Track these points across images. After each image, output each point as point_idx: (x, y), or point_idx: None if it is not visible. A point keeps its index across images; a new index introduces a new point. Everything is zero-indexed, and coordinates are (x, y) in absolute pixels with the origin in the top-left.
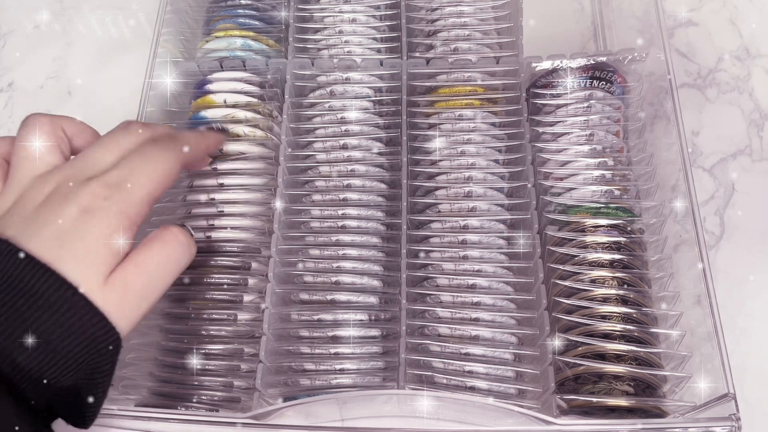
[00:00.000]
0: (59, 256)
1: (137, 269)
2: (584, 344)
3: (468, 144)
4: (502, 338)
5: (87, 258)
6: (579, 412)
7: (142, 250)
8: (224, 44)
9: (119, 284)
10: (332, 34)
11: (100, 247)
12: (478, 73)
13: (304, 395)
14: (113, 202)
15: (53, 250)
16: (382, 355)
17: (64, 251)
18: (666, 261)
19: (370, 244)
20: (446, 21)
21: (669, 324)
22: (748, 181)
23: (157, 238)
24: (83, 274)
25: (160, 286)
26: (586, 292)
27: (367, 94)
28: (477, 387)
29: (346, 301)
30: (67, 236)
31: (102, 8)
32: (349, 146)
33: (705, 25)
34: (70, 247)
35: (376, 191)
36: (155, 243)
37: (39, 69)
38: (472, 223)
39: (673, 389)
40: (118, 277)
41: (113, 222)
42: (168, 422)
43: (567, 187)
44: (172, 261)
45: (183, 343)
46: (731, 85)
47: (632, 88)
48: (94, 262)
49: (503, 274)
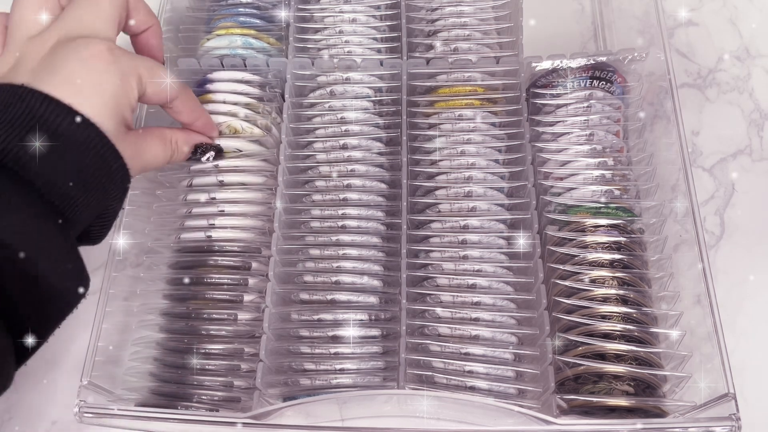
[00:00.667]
0: (77, 101)
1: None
2: (584, 344)
3: (468, 144)
4: (502, 338)
5: (104, 106)
6: (579, 412)
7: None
8: (225, 42)
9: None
10: (332, 34)
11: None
12: (478, 73)
13: (304, 395)
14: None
15: (71, 96)
16: (382, 354)
17: (82, 98)
18: (666, 261)
19: (370, 244)
20: (446, 21)
21: (669, 324)
22: (748, 181)
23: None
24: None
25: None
26: (586, 292)
27: (367, 94)
28: (477, 387)
29: (347, 301)
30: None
31: None
32: (349, 146)
33: (705, 25)
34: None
35: (376, 191)
36: (156, 140)
37: None
38: (472, 222)
39: (673, 389)
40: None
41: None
42: (168, 422)
43: (567, 187)
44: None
45: (183, 342)
46: (731, 85)
47: (632, 88)
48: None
49: (503, 273)
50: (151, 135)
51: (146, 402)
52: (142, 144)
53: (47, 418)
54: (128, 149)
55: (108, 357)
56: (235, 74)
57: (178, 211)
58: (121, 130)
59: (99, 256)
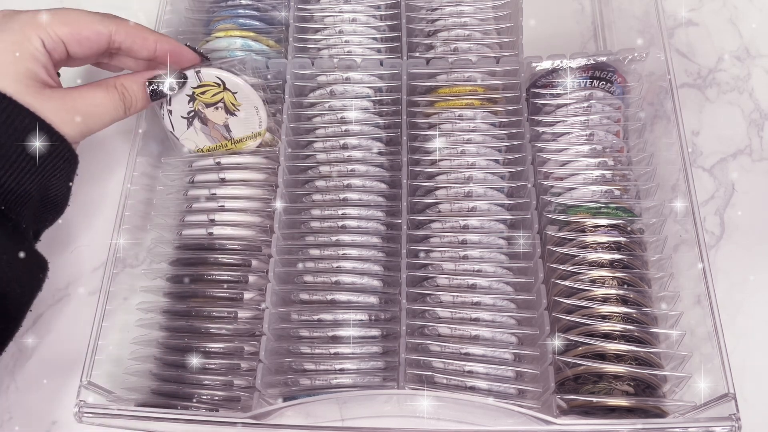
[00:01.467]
0: None
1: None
2: (584, 344)
3: (468, 144)
4: (502, 338)
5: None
6: (579, 412)
7: (90, 90)
8: (224, 44)
9: (58, 96)
10: (332, 34)
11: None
12: (478, 73)
13: (304, 395)
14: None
15: None
16: (382, 355)
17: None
18: (666, 261)
19: (370, 244)
20: (446, 21)
21: (669, 324)
22: (748, 181)
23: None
24: (6, 82)
25: (94, 123)
26: (586, 292)
27: (367, 93)
28: (477, 387)
29: (346, 301)
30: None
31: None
32: (350, 146)
33: (705, 25)
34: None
35: (376, 191)
36: (99, 91)
37: None
38: (472, 222)
39: (673, 389)
40: (56, 91)
41: (16, 33)
42: (168, 422)
43: (567, 187)
44: (107, 111)
45: (183, 341)
46: (731, 85)
47: (632, 88)
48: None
49: (503, 274)
50: (90, 86)
51: (146, 402)
52: (78, 98)
53: (47, 418)
54: (54, 107)
55: (108, 356)
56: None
57: (179, 208)
58: (34, 87)
59: (99, 255)
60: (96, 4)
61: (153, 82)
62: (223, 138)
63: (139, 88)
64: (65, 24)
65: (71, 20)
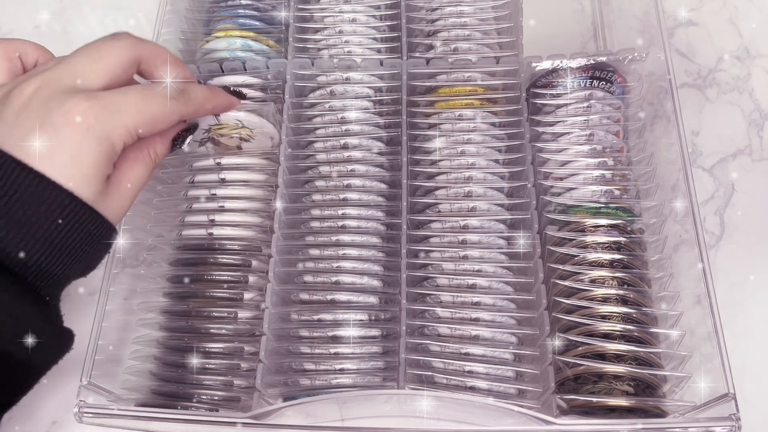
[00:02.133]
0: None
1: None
2: (584, 344)
3: (468, 144)
4: (502, 338)
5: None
6: (579, 412)
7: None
8: (224, 44)
9: (113, 187)
10: (332, 34)
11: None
12: (478, 73)
13: (304, 395)
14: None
15: (44, 159)
16: (382, 355)
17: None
18: (666, 261)
19: (370, 244)
20: (446, 21)
21: (669, 324)
22: (748, 181)
23: (138, 160)
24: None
25: (140, 187)
26: (586, 292)
27: (368, 94)
28: (477, 387)
29: (346, 301)
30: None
31: (102, 8)
32: (350, 146)
33: (705, 25)
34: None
35: (376, 191)
36: (137, 164)
37: None
38: (472, 222)
39: (673, 389)
40: (110, 181)
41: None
42: (168, 422)
43: (567, 187)
44: (145, 178)
45: (183, 341)
46: (731, 85)
47: (632, 88)
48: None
49: (503, 274)
50: (128, 162)
51: (146, 402)
52: (122, 180)
53: (47, 418)
54: (110, 200)
55: (108, 356)
56: (236, 78)
57: (179, 208)
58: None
59: None
60: (96, 3)
61: (176, 141)
62: None
63: (166, 148)
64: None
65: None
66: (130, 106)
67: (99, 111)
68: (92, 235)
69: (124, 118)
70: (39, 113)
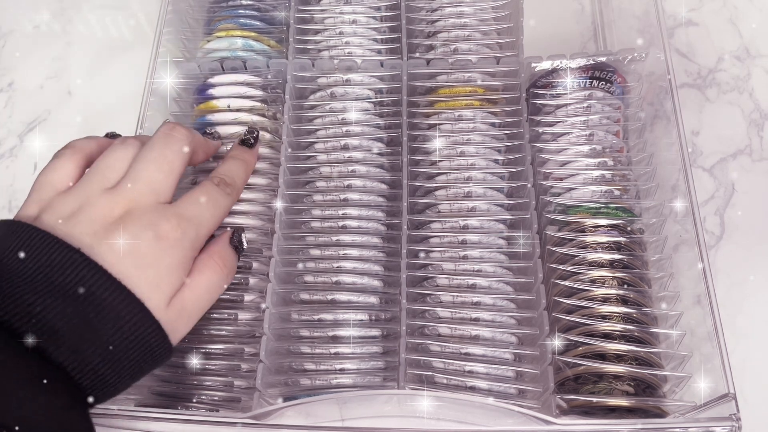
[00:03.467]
0: (132, 275)
1: (192, 293)
2: (584, 344)
3: (468, 144)
4: (502, 338)
5: (158, 282)
6: (579, 412)
7: (196, 276)
8: (225, 44)
9: (178, 306)
10: (333, 35)
11: (170, 274)
12: (478, 74)
13: (304, 395)
14: (186, 237)
15: (128, 269)
16: (382, 355)
17: (138, 272)
18: (666, 261)
19: (370, 244)
20: (446, 21)
21: (669, 324)
22: (748, 181)
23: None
24: (152, 295)
25: (206, 306)
26: (586, 292)
27: (368, 95)
28: (477, 387)
29: (347, 301)
30: (142, 259)
31: (102, 8)
32: (350, 147)
33: (705, 25)
34: (144, 269)
35: (377, 191)
36: (206, 271)
37: (39, 69)
38: (472, 223)
39: (673, 389)
40: (177, 300)
41: (184, 254)
42: (168, 422)
43: (567, 187)
44: (218, 285)
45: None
46: (731, 85)
47: (632, 88)
48: (163, 286)
49: (503, 273)
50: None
51: (146, 402)
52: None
53: None
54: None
55: None
56: (237, 77)
57: None
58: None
59: None
60: (96, 3)
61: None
62: None
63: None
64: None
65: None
66: (206, 213)
67: (186, 224)
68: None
69: (205, 228)
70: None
